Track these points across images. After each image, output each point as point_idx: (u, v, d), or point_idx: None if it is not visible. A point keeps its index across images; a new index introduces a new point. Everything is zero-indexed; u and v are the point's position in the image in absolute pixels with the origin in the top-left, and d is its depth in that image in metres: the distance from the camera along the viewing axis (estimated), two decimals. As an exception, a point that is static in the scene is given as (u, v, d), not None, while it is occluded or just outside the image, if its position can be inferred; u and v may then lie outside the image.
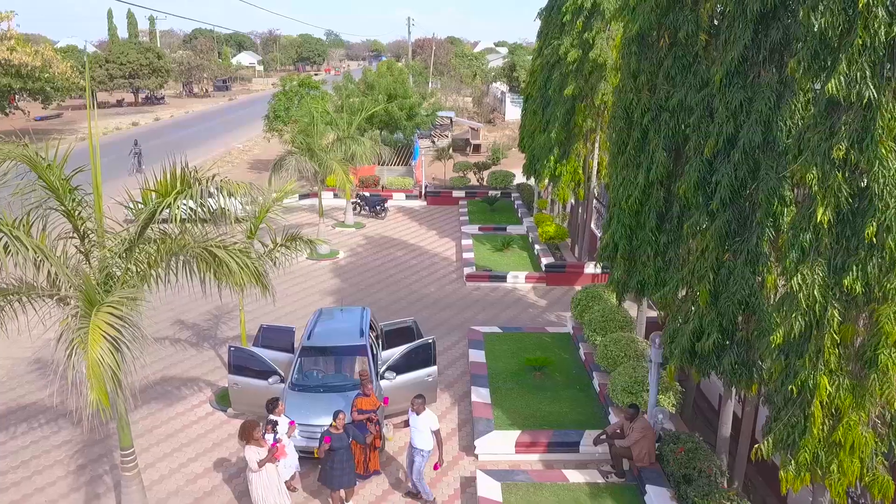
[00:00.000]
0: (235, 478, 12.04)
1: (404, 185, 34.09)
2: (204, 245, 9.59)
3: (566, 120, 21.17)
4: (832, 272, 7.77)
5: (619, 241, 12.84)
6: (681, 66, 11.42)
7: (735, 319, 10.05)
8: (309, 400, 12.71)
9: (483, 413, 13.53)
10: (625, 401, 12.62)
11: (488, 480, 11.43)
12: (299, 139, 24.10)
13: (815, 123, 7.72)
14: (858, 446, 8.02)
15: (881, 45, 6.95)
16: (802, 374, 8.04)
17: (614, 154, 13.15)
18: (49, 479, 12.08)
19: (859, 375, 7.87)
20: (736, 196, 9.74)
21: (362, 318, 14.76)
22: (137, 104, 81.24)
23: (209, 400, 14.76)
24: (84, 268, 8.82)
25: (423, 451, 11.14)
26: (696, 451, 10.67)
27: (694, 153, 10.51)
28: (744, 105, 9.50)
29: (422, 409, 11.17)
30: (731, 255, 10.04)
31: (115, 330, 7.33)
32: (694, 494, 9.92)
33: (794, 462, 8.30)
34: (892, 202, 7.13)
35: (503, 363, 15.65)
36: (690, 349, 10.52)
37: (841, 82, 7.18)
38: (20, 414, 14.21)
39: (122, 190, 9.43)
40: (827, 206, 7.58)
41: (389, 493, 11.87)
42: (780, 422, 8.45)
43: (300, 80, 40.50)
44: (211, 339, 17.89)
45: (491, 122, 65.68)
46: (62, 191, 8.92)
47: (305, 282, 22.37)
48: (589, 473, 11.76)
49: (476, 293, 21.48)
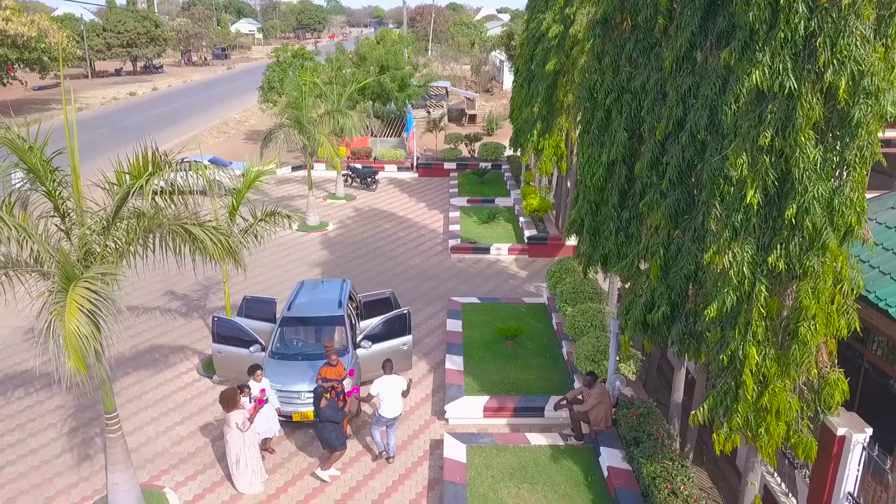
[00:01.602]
0: (218, 440, 12.75)
1: (396, 156, 34.47)
2: (180, 222, 10.12)
3: (548, 95, 21.50)
4: (760, 250, 8.32)
5: (584, 216, 13.33)
6: (642, 48, 11.78)
7: (683, 293, 10.61)
8: (288, 367, 13.37)
9: (455, 380, 14.21)
10: (587, 368, 13.26)
11: (454, 443, 12.13)
12: (288, 112, 24.46)
13: (746, 111, 8.19)
14: (784, 411, 8.65)
15: (800, 38, 7.39)
16: (733, 344, 8.63)
17: (581, 133, 13.58)
18: (43, 441, 12.83)
19: (784, 346, 8.47)
20: (684, 176, 10.23)
21: (342, 290, 15.37)
22: (136, 73, 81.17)
23: (196, 367, 15.47)
24: (65, 245, 9.39)
25: (390, 418, 11.97)
26: (647, 416, 11.33)
27: (648, 135, 10.97)
28: (692, 89, 9.93)
29: (391, 373, 12.01)
30: (681, 231, 10.56)
31: (90, 304, 7.93)
32: (640, 455, 10.60)
33: (727, 425, 8.94)
34: (811, 186, 7.65)
35: (478, 332, 16.30)
36: (643, 320, 11.10)
37: (765, 73, 7.64)
38: (16, 380, 14.94)
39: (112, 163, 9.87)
40: (756, 189, 8.08)
41: (363, 453, 12.59)
42: (714, 389, 9.07)
43: (294, 51, 40.61)
44: (199, 309, 18.56)
45: (489, 91, 65.63)
46: (43, 172, 9.45)
47: (294, 253, 22.96)
48: (551, 437, 12.45)
49: (460, 265, 22.06)
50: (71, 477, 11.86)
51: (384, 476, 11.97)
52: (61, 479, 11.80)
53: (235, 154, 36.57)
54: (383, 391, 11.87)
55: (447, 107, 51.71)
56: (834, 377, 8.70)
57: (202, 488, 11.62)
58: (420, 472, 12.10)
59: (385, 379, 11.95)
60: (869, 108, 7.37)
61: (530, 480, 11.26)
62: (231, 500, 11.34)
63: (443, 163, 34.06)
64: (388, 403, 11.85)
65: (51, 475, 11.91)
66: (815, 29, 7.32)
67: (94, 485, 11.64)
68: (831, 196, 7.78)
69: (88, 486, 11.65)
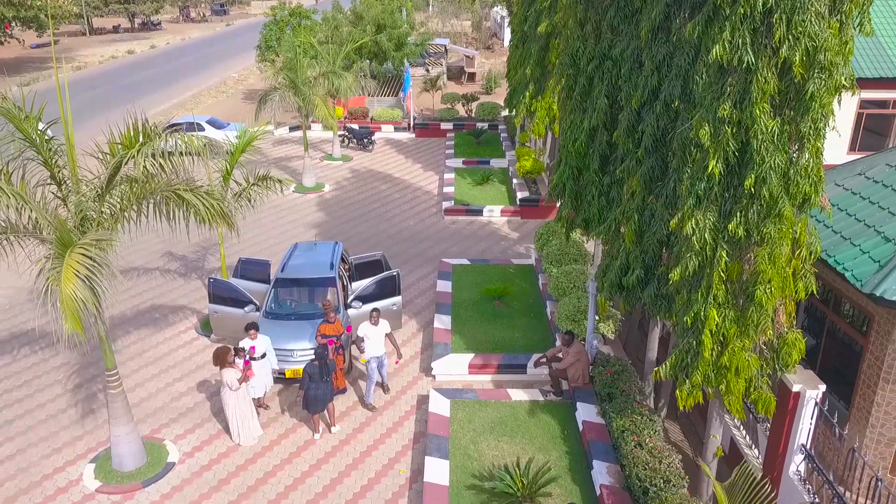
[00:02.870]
0: (215, 395, 13.40)
1: (393, 116, 34.57)
2: (173, 189, 10.55)
3: (541, 57, 21.60)
4: (722, 217, 8.73)
5: (566, 181, 13.70)
6: (623, 16, 11.96)
7: (656, 256, 11.06)
8: (281, 327, 13.94)
9: (443, 338, 14.78)
10: (568, 328, 13.80)
11: (439, 398, 12.75)
12: (283, 74, 24.59)
13: (710, 83, 8.51)
14: (743, 369, 9.17)
15: (759, 14, 7.67)
16: (696, 306, 9.11)
17: (563, 99, 13.85)
18: (49, 397, 13.50)
19: (742, 308, 8.94)
20: (658, 144, 10.56)
21: (334, 252, 15.85)
22: (134, 30, 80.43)
23: (194, 326, 16.07)
24: (62, 212, 9.85)
25: (378, 356, 12.99)
26: (621, 374, 11.90)
27: (625, 103, 11.27)
28: (666, 59, 10.19)
29: (377, 320, 12.89)
30: (654, 198, 10.95)
31: (86, 269, 8.42)
32: (612, 410, 11.20)
33: (689, 382, 9.48)
34: (768, 157, 8.02)
35: (467, 293, 16.82)
36: (618, 283, 11.57)
37: (726, 47, 7.93)
38: (22, 339, 15.58)
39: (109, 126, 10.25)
40: (717, 159, 8.45)
41: (353, 408, 13.24)
42: (677, 348, 9.59)
43: (291, 9, 40.32)
44: (198, 269, 19.09)
45: (489, 48, 65.02)
46: (39, 141, 9.86)
47: (290, 215, 23.39)
48: (531, 393, 13.06)
49: (453, 227, 22.49)
50: (76, 430, 12.55)
51: (372, 429, 12.64)
52: (67, 433, 12.49)
53: (234, 114, 36.73)
54: (369, 333, 12.89)
55: (446, 64, 51.44)
56: (791, 337, 9.20)
57: (200, 440, 12.30)
58: (407, 425, 12.76)
59: (370, 324, 12.99)
60: (823, 83, 7.69)
61: (509, 434, 11.90)
62: (227, 452, 12.03)
63: (440, 123, 34.17)
64: (375, 343, 12.92)
65: (57, 429, 12.59)
66: (772, 5, 7.60)
67: (98, 437, 12.32)
68: (787, 166, 8.16)
69: (93, 438, 12.33)
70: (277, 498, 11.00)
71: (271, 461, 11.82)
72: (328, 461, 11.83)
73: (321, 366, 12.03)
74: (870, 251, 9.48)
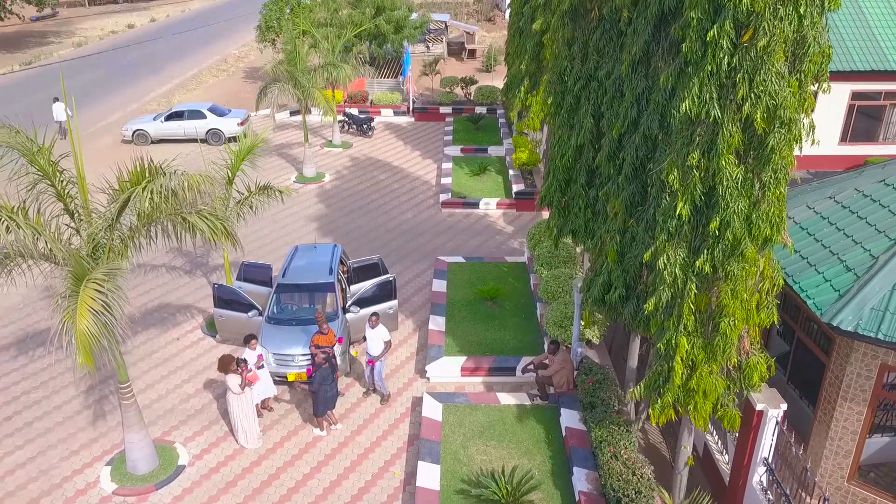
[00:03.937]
0: (221, 397, 14.20)
1: (392, 100, 34.85)
2: (178, 213, 11.19)
3: (535, 53, 21.90)
4: (691, 253, 9.34)
5: (554, 193, 14.27)
6: (608, 39, 12.41)
7: (637, 276, 11.69)
8: (283, 332, 14.68)
9: (437, 340, 15.52)
10: (555, 334, 14.51)
11: (432, 402, 13.53)
12: (282, 69, 24.93)
13: (680, 129, 9.04)
14: (710, 391, 9.87)
15: (724, 72, 8.17)
16: (668, 333, 9.77)
17: (552, 115, 14.34)
18: (65, 398, 14.33)
19: (710, 336, 9.60)
20: (638, 172, 11.11)
21: (332, 256, 16.51)
22: (133, 0, 79.86)
23: (200, 326, 16.83)
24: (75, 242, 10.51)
25: (375, 356, 13.84)
26: (602, 383, 12.62)
27: (607, 130, 11.78)
28: (645, 93, 10.69)
29: (376, 324, 13.78)
30: (635, 221, 11.53)
31: (99, 305, 9.11)
32: (591, 420, 11.96)
33: (660, 402, 10.19)
34: (732, 202, 8.59)
35: (462, 292, 17.50)
36: (601, 299, 12.23)
37: (695, 101, 8.45)
38: (37, 339, 16.36)
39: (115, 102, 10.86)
40: (685, 202, 9.02)
41: (351, 410, 14.04)
42: (650, 370, 10.29)
43: (291, -12, 40.22)
44: (202, 266, 19.79)
45: (490, 20, 64.63)
46: (52, 173, 10.47)
47: (292, 206, 23.95)
48: (520, 397, 13.83)
49: (450, 220, 23.08)
50: (91, 433, 13.39)
51: (369, 432, 13.45)
52: (84, 434, 13.34)
53: (234, 95, 37.05)
54: (369, 335, 13.87)
55: (446, 41, 51.35)
56: (754, 361, 9.89)
57: (208, 443, 13.14)
58: (402, 428, 13.57)
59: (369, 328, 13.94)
60: (783, 136, 8.23)
61: (497, 438, 12.69)
62: (234, 454, 12.87)
63: (439, 107, 34.46)
64: (374, 344, 13.85)
65: (74, 430, 13.44)
66: (736, 64, 8.10)
67: (112, 440, 13.16)
68: (750, 211, 8.74)
69: (108, 440, 13.17)
70: (280, 500, 11.86)
71: (274, 463, 12.66)
72: (328, 464, 12.66)
73: (330, 367, 12.89)
74: (832, 280, 10.10)
